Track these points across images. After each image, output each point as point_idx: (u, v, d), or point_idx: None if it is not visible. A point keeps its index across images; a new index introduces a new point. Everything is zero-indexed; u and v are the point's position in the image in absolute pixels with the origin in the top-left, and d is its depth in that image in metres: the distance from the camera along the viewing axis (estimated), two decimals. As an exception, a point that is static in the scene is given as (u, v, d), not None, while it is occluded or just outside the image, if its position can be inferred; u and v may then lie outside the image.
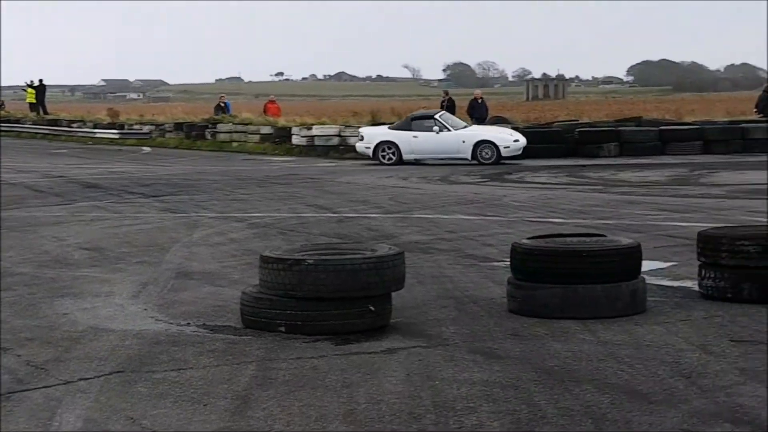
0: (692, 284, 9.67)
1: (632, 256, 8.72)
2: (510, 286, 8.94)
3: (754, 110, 38.37)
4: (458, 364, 7.14)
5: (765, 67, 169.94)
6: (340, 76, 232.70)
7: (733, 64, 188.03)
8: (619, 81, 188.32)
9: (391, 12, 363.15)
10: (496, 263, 11.44)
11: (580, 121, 36.33)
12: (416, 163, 29.70)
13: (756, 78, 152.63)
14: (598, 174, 24.92)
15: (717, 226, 10.53)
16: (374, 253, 8.30)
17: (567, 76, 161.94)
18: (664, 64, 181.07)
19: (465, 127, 30.85)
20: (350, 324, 8.09)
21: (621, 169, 26.51)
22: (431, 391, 6.50)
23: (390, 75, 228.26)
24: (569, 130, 33.38)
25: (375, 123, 34.65)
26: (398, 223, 15.52)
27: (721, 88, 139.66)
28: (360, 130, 31.82)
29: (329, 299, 8.05)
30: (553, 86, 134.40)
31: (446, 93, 40.67)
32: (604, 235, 9.53)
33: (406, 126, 30.55)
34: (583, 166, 27.80)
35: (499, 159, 29.44)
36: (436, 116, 30.80)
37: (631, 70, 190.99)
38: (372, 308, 8.15)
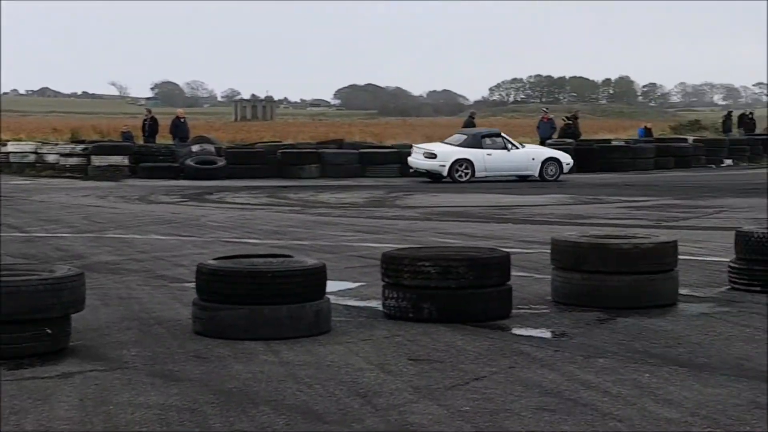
0: (377, 304, 9.83)
1: (317, 276, 8.79)
2: (195, 308, 8.84)
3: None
4: (135, 388, 6.97)
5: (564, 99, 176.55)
6: (43, 91, 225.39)
7: (435, 90, 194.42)
8: (327, 104, 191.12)
9: (97, 28, 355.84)
10: (186, 284, 11.26)
11: (283, 143, 36.79)
12: (485, 180, 30.10)
13: (456, 104, 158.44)
14: (298, 195, 25.17)
15: (401, 247, 10.77)
16: (52, 273, 8.02)
17: (276, 98, 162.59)
18: (370, 88, 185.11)
19: (523, 145, 31.95)
20: (25, 347, 7.76)
21: (321, 190, 26.89)
22: (104, 416, 6.32)
23: (97, 92, 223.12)
24: (272, 152, 33.66)
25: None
26: (90, 243, 15.12)
27: (423, 113, 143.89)
28: (426, 147, 31.53)
29: (2, 322, 7.69)
30: (262, 107, 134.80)
31: (149, 111, 40.26)
32: (291, 256, 9.57)
33: (476, 143, 30.68)
34: (284, 187, 28.03)
35: (560, 175, 30.80)
36: (503, 134, 31.63)
37: (338, 94, 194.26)
38: (49, 331, 7.86)
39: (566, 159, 31.62)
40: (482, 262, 9.27)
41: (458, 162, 30.39)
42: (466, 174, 30.36)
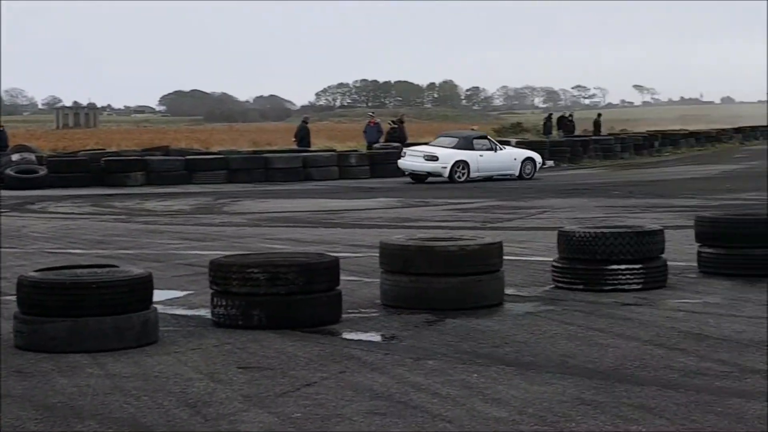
0: (206, 312, 9.71)
1: (143, 286, 8.63)
2: (17, 321, 8.57)
3: (293, 140, 40.09)
4: (-46, 407, 6.72)
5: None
6: None
7: (262, 96, 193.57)
8: (152, 110, 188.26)
9: None
10: (7, 297, 10.93)
11: (107, 150, 36.15)
12: (476, 180, 31.05)
13: (283, 109, 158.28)
14: (124, 203, 24.73)
15: (229, 254, 10.67)
16: None
17: (98, 105, 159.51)
18: (196, 94, 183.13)
19: (505, 147, 33.63)
20: None
21: (147, 198, 26.48)
22: None
23: None
24: (96, 159, 33.01)
25: None
26: None
27: (250, 118, 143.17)
28: (425, 150, 32.11)
29: None
30: (84, 115, 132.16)
31: (-34, 120, 39.00)
32: (116, 266, 9.37)
33: (469, 146, 31.67)
34: (109, 195, 27.51)
35: (534, 174, 32.46)
36: (489, 137, 33.47)
37: (163, 100, 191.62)
38: None
39: (539, 158, 33.45)
40: (311, 267, 9.25)
41: (458, 163, 31.39)
42: (464, 174, 31.38)
